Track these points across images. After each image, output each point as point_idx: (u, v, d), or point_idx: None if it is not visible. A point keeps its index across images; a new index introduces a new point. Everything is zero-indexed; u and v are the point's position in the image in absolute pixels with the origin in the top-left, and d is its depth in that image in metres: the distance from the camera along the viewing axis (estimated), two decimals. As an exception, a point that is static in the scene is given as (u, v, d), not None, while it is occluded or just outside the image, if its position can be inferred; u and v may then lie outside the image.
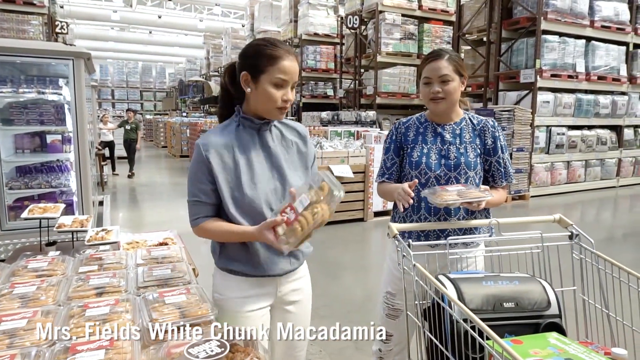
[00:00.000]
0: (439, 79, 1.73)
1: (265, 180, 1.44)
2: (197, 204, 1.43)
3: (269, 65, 1.37)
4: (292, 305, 1.59)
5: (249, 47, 1.44)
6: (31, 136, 4.44)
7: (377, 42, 10.04)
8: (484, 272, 1.52)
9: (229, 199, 1.40)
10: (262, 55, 1.38)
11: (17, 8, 7.67)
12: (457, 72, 1.74)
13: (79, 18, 20.39)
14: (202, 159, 1.40)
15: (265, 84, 1.38)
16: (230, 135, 1.44)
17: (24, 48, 3.95)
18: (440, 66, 1.72)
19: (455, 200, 1.53)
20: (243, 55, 1.43)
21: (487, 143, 1.81)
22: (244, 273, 1.46)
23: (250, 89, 1.41)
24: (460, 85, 1.76)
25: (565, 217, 1.68)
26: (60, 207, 2.26)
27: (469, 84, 8.65)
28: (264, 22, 16.17)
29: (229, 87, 1.49)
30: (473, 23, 8.41)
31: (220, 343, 0.85)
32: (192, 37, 24.85)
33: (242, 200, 1.40)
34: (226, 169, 1.41)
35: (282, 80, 1.38)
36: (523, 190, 7.55)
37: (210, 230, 1.43)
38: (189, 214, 1.45)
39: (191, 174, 1.44)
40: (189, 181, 1.44)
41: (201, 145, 1.41)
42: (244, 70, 1.40)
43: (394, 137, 1.91)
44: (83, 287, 1.40)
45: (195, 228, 1.45)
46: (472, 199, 1.54)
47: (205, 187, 1.41)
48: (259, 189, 1.42)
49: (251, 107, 1.45)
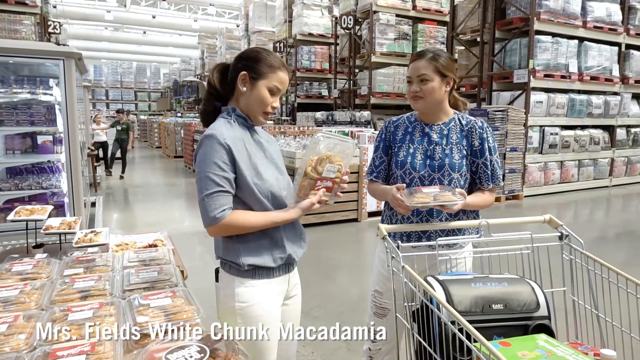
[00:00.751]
0: (418, 79, 1.74)
1: (269, 168, 1.50)
2: (222, 195, 1.37)
3: (269, 72, 1.46)
4: (291, 299, 1.62)
5: (250, 51, 1.51)
6: (22, 137, 4.40)
7: (372, 42, 10.04)
8: (473, 273, 1.51)
9: (253, 185, 1.41)
10: (264, 62, 1.47)
11: (10, 8, 7.63)
12: (438, 72, 1.72)
13: (72, 18, 20.28)
14: (223, 147, 1.38)
15: (262, 87, 1.46)
16: (234, 129, 1.46)
17: (14, 48, 3.91)
18: (419, 66, 1.73)
19: (426, 203, 1.53)
20: (244, 58, 1.49)
21: (474, 144, 1.80)
22: (267, 269, 1.46)
23: (246, 88, 1.47)
24: (443, 86, 1.75)
25: (555, 218, 1.68)
26: (48, 209, 2.23)
27: (462, 84, 8.69)
28: (259, 22, 16.16)
29: (218, 86, 1.52)
30: (467, 23, 8.43)
31: (200, 348, 0.83)
32: (186, 37, 24.78)
33: (262, 186, 1.44)
34: (243, 159, 1.42)
35: (277, 88, 1.47)
36: (517, 190, 7.57)
37: (240, 221, 1.39)
38: (209, 210, 1.36)
39: (208, 165, 1.37)
40: (206, 173, 1.37)
41: (218, 135, 1.39)
42: (244, 70, 1.46)
43: (383, 136, 1.91)
44: (67, 291, 1.38)
45: (219, 224, 1.36)
46: (443, 202, 1.55)
47: (228, 176, 1.39)
48: (269, 175, 1.48)
49: (240, 107, 1.51)
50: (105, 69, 27.27)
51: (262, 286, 1.46)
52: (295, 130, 6.92)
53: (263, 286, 1.46)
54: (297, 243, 1.56)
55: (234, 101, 1.52)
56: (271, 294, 1.48)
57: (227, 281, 1.46)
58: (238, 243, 1.44)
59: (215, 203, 1.36)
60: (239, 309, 1.43)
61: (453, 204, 1.57)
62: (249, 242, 1.44)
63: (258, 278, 1.45)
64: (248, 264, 1.43)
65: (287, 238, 1.51)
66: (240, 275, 1.44)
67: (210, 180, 1.37)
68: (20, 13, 7.78)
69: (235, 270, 1.45)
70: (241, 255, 1.43)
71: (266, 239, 1.46)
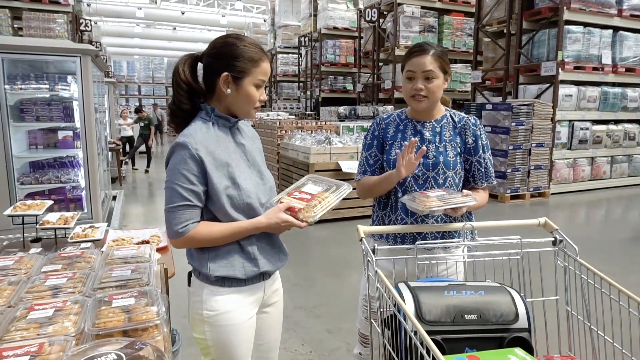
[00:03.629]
0: (423, 75, 1.65)
1: (249, 175, 1.44)
2: (187, 209, 1.32)
3: (252, 67, 1.36)
4: (270, 307, 1.58)
5: (224, 46, 1.37)
6: (44, 132, 4.53)
7: (396, 35, 9.86)
8: (454, 279, 1.43)
9: (225, 197, 1.35)
10: (243, 56, 1.36)
11: (43, 7, 7.88)
12: (442, 69, 1.65)
13: (105, 16, 20.83)
14: (193, 158, 1.31)
15: (247, 86, 1.37)
16: (211, 134, 1.39)
17: (33, 46, 4.02)
18: (425, 61, 1.63)
19: (439, 207, 1.43)
20: (221, 55, 1.36)
21: (467, 142, 1.72)
22: (238, 279, 1.40)
23: (231, 90, 1.37)
24: (443, 83, 1.67)
25: (550, 222, 1.58)
26: (47, 204, 2.27)
27: (487, 77, 8.42)
28: (284, 16, 16.15)
29: (192, 81, 1.41)
30: (493, 14, 8.14)
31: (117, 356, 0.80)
32: (215, 33, 25.06)
33: (238, 197, 1.37)
34: (219, 167, 1.36)
35: (262, 81, 1.39)
36: (542, 187, 7.28)
37: (204, 235, 1.35)
38: (173, 223, 1.32)
39: (176, 176, 1.31)
40: (173, 184, 1.31)
41: (189, 143, 1.31)
42: (224, 71, 1.35)
43: (375, 133, 1.82)
44: (38, 288, 1.38)
45: (182, 238, 1.33)
46: (455, 204, 1.45)
47: (196, 189, 1.32)
48: (249, 184, 1.41)
49: (225, 106, 1.42)
50: (138, 65, 27.90)
51: (232, 295, 1.41)
52: (312, 125, 6.86)
53: (233, 295, 1.41)
54: (273, 257, 1.49)
55: (215, 101, 1.42)
56: (242, 303, 1.42)
57: (197, 287, 1.43)
58: (208, 252, 1.39)
59: (180, 217, 1.32)
60: (207, 317, 1.39)
61: (464, 205, 1.48)
62: (219, 253, 1.39)
63: (227, 286, 1.40)
64: (216, 275, 1.38)
65: (261, 252, 1.44)
66: (210, 282, 1.40)
67: (176, 192, 1.32)
68: (54, 12, 8.02)
69: (205, 278, 1.41)
70: (210, 265, 1.38)
71: (238, 252, 1.40)
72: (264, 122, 7.78)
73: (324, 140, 5.60)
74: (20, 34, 7.84)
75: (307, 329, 3.01)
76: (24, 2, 7.76)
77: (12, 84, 4.04)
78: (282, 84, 16.37)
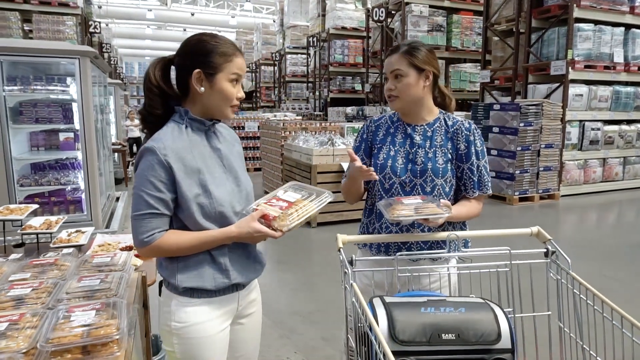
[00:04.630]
0: (392, 74, 1.59)
1: (224, 183, 1.37)
2: (153, 217, 1.26)
3: (225, 63, 1.31)
4: (246, 318, 1.51)
5: (195, 44, 1.32)
6: (45, 134, 4.52)
7: (403, 35, 9.74)
8: (435, 293, 1.34)
9: (195, 205, 1.28)
10: (215, 52, 1.30)
11: (53, 9, 7.96)
12: (413, 66, 1.56)
13: (117, 18, 21.02)
14: (161, 164, 1.25)
15: (221, 81, 1.31)
16: (183, 138, 1.32)
17: (32, 48, 4.02)
18: (392, 61, 1.59)
19: (409, 217, 1.35)
20: (192, 53, 1.31)
21: (459, 148, 1.62)
22: (208, 290, 1.33)
23: (204, 88, 1.31)
24: (420, 81, 1.57)
25: (543, 231, 1.48)
26: (30, 208, 2.23)
27: (496, 77, 8.27)
28: (293, 16, 16.13)
29: (163, 85, 1.36)
30: (502, 13, 7.99)
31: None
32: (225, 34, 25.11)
33: (210, 206, 1.30)
34: (190, 174, 1.29)
35: (238, 76, 1.34)
36: (552, 189, 7.11)
37: (171, 244, 1.28)
38: (138, 232, 1.26)
39: (143, 183, 1.25)
40: (140, 191, 1.25)
41: (157, 149, 1.25)
42: (196, 68, 1.29)
43: (364, 136, 1.75)
44: (1, 299, 1.33)
45: (148, 247, 1.27)
46: (428, 215, 1.36)
47: (164, 197, 1.26)
48: (222, 192, 1.34)
49: (200, 107, 1.35)
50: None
51: (202, 307, 1.34)
52: (317, 126, 6.79)
53: (203, 307, 1.34)
54: (247, 268, 1.41)
55: (190, 102, 1.36)
56: (213, 315, 1.36)
57: (166, 298, 1.37)
58: (178, 262, 1.33)
59: (146, 226, 1.26)
60: (175, 329, 1.33)
61: (438, 217, 1.39)
62: (189, 263, 1.32)
63: (197, 297, 1.33)
64: (184, 286, 1.31)
65: (233, 263, 1.36)
66: (178, 293, 1.34)
67: (143, 200, 1.25)
68: (63, 14, 8.09)
69: (173, 288, 1.34)
70: (179, 276, 1.31)
71: (208, 262, 1.33)
72: (269, 122, 7.73)
73: (327, 142, 5.52)
74: (30, 37, 7.92)
75: (301, 336, 2.93)
76: (33, 5, 7.84)
77: (12, 85, 4.03)
78: (291, 84, 16.34)
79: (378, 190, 1.65)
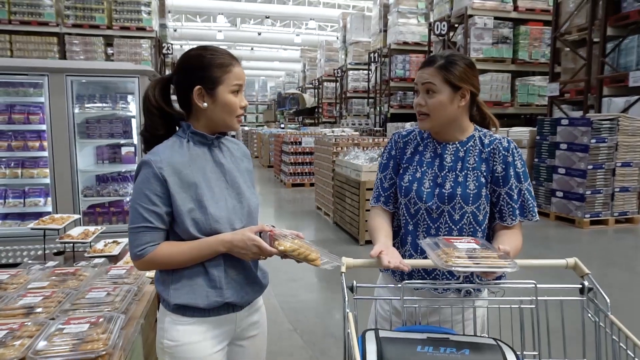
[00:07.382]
0: (423, 88, 1.44)
1: (224, 198, 1.34)
2: (148, 231, 1.25)
3: (224, 75, 1.29)
4: (246, 340, 1.45)
5: (191, 59, 1.31)
6: (109, 148, 4.84)
7: (466, 48, 9.42)
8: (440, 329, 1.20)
9: (189, 220, 1.27)
10: (213, 65, 1.29)
11: (132, 34, 8.69)
12: (448, 82, 1.40)
13: (190, 39, 22.36)
14: (156, 177, 1.24)
15: (223, 94, 1.30)
16: (183, 152, 1.31)
17: (97, 69, 4.33)
18: (425, 74, 1.43)
19: (465, 268, 1.09)
20: (190, 69, 1.30)
21: (495, 170, 1.44)
22: (201, 309, 1.29)
23: (207, 103, 1.30)
24: (456, 100, 1.41)
25: (581, 264, 1.29)
26: (72, 218, 2.35)
27: (566, 89, 7.70)
28: (355, 33, 16.27)
29: (164, 106, 1.35)
30: (573, 21, 7.47)
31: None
32: (290, 52, 25.86)
33: (205, 222, 1.28)
34: (185, 188, 1.28)
35: (239, 86, 1.32)
36: (630, 212, 6.43)
37: (164, 256, 1.26)
38: (133, 245, 1.26)
39: (138, 196, 1.25)
40: (135, 204, 1.25)
41: (153, 162, 1.25)
42: (196, 85, 1.28)
43: (393, 152, 1.59)
44: (12, 306, 1.38)
45: (141, 260, 1.26)
46: (488, 267, 1.10)
47: (159, 210, 1.25)
48: (220, 208, 1.31)
49: (205, 122, 1.34)
50: (219, 84, 29.55)
51: (195, 326, 1.30)
52: (369, 142, 6.69)
53: (195, 326, 1.30)
54: (244, 288, 1.35)
55: (193, 118, 1.35)
56: (207, 335, 1.31)
57: (161, 314, 1.34)
58: (171, 276, 1.30)
59: (140, 239, 1.25)
60: (167, 347, 1.29)
61: (501, 270, 1.12)
62: (183, 277, 1.29)
63: (190, 316, 1.30)
64: (175, 303, 1.28)
65: (229, 281, 1.31)
66: (171, 310, 1.31)
67: (138, 213, 1.25)
68: (140, 38, 8.78)
69: (167, 305, 1.32)
70: (171, 291, 1.29)
71: (202, 277, 1.29)
72: (323, 138, 7.75)
73: (377, 158, 5.41)
74: (112, 59, 8.62)
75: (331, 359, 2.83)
76: (115, 30, 8.55)
77: (80, 103, 4.36)
78: (352, 100, 16.39)
79: (404, 214, 1.52)
